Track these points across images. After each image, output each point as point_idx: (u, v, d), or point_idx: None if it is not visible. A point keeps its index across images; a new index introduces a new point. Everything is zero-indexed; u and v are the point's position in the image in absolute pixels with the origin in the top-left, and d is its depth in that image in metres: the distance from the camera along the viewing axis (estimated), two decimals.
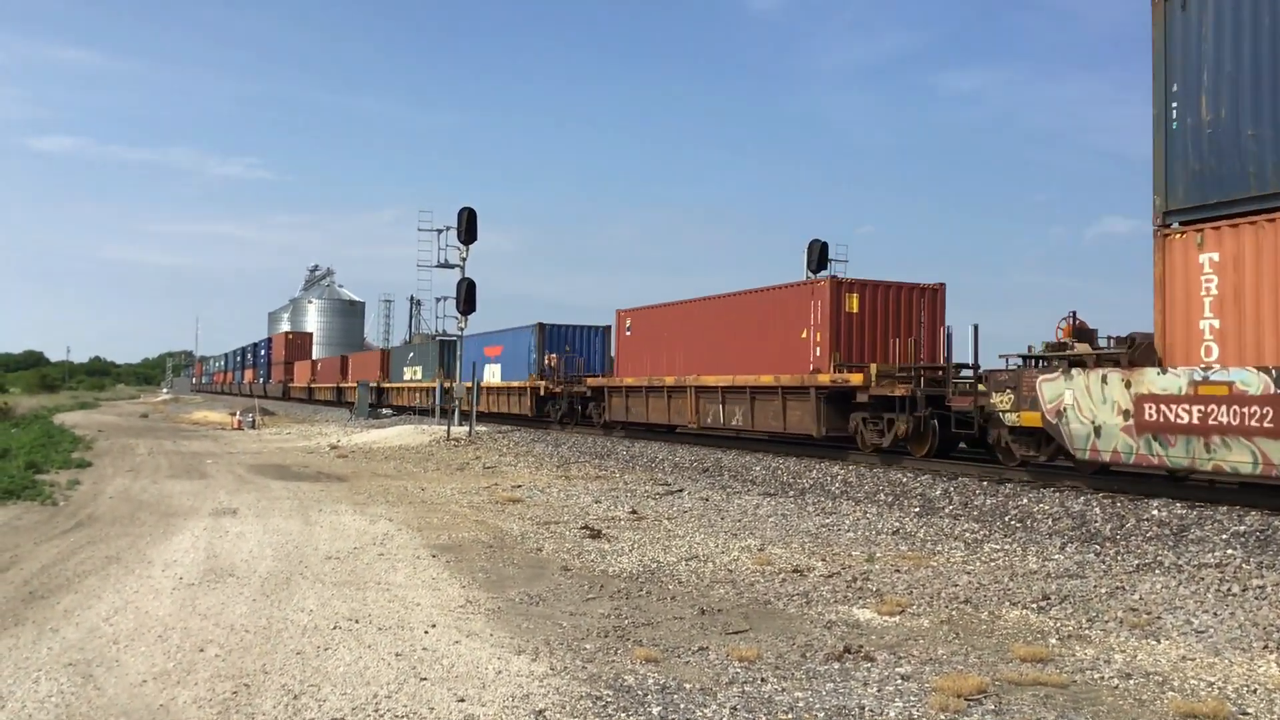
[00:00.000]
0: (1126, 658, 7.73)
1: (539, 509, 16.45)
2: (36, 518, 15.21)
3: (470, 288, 36.48)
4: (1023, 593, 10.01)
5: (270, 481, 20.86)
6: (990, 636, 8.45)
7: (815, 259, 32.61)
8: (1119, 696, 6.79)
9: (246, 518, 15.20)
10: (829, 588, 10.36)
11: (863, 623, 8.93)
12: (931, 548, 12.71)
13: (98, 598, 9.67)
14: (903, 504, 16.25)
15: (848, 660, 7.62)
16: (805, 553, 12.43)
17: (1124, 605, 9.39)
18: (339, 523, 14.74)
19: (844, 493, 17.76)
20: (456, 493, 18.85)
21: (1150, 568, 11.00)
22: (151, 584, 10.32)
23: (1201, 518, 12.99)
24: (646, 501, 17.36)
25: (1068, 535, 13.09)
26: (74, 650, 7.84)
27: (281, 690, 6.82)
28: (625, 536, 13.57)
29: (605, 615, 9.13)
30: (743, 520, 15.13)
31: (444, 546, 12.73)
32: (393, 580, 10.60)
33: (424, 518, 15.36)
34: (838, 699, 6.68)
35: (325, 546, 12.63)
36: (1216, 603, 9.30)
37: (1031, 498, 15.34)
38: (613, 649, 7.96)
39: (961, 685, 6.81)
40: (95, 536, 13.38)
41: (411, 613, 9.11)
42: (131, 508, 16.43)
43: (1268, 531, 11.99)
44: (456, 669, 7.33)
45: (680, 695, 6.74)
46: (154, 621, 8.74)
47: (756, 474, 20.76)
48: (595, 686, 6.92)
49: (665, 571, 11.25)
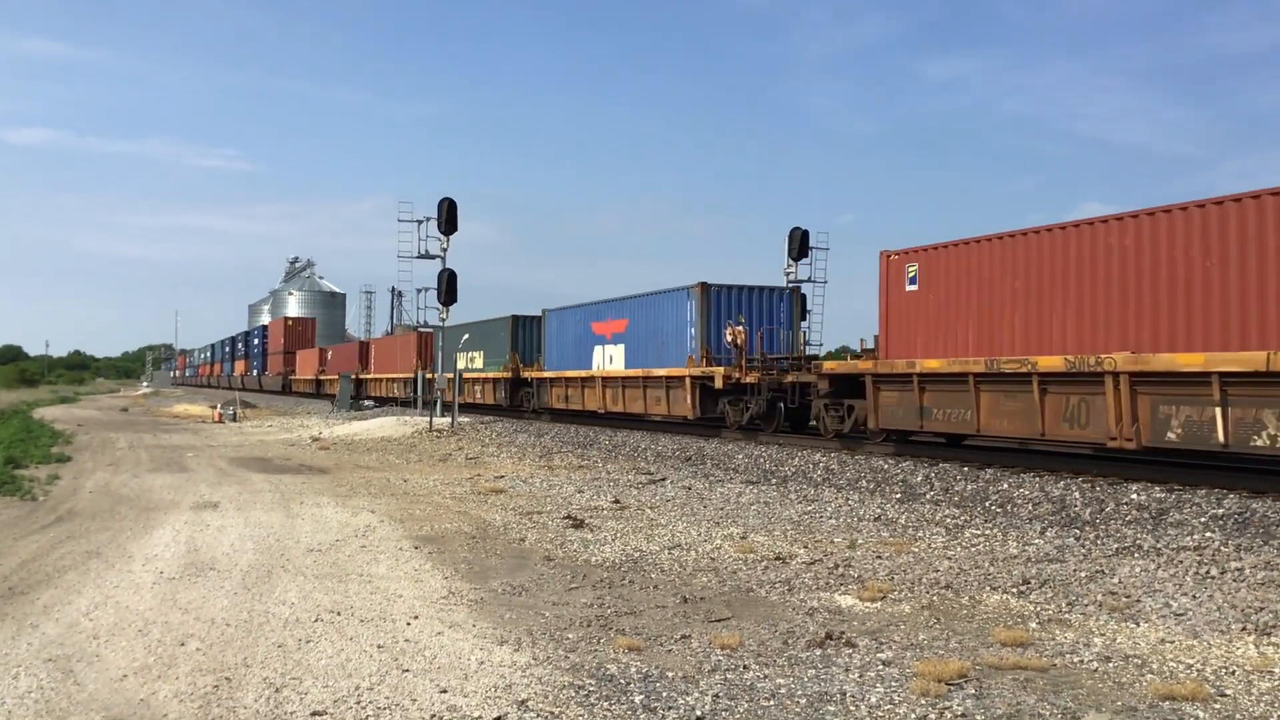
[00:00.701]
0: (1106, 641, 7.78)
1: (522, 499, 16.45)
2: (16, 513, 15.11)
3: (451, 278, 36.35)
4: (1003, 577, 10.07)
5: (251, 474, 20.78)
6: (971, 621, 8.49)
7: (796, 247, 32.60)
8: (1098, 679, 6.84)
9: (227, 511, 15.13)
10: (811, 575, 10.40)
11: (844, 609, 8.96)
12: (913, 534, 12.77)
13: (78, 593, 9.62)
14: (884, 490, 16.31)
15: (829, 647, 7.65)
16: (787, 540, 12.46)
17: (1103, 589, 9.46)
18: (321, 515, 14.69)
19: (826, 480, 17.82)
20: (439, 484, 18.82)
21: (1129, 551, 11.08)
22: (132, 578, 10.27)
23: (1180, 501, 13.09)
24: (629, 491, 17.37)
25: (1048, 520, 13.17)
26: (54, 646, 7.79)
27: (263, 683, 6.79)
28: (608, 526, 13.58)
29: (588, 605, 9.14)
30: (725, 508, 15.15)
31: (426, 538, 12.71)
32: (375, 572, 10.58)
33: (406, 509, 15.33)
34: (819, 685, 6.71)
35: (307, 539, 12.59)
36: (1195, 585, 9.37)
37: (1012, 483, 15.42)
38: (595, 638, 7.96)
39: (942, 670, 6.85)
40: (75, 531, 13.30)
41: (394, 604, 9.10)
42: (111, 502, 16.33)
43: (1245, 514, 12.10)
44: (439, 660, 7.32)
45: (662, 683, 6.76)
46: (134, 616, 8.70)
47: (739, 462, 20.79)
48: (578, 676, 6.93)
49: (648, 560, 11.27)
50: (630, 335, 29.75)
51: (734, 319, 26.18)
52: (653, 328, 28.58)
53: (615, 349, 30.42)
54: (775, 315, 27.00)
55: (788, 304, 27.37)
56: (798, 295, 27.91)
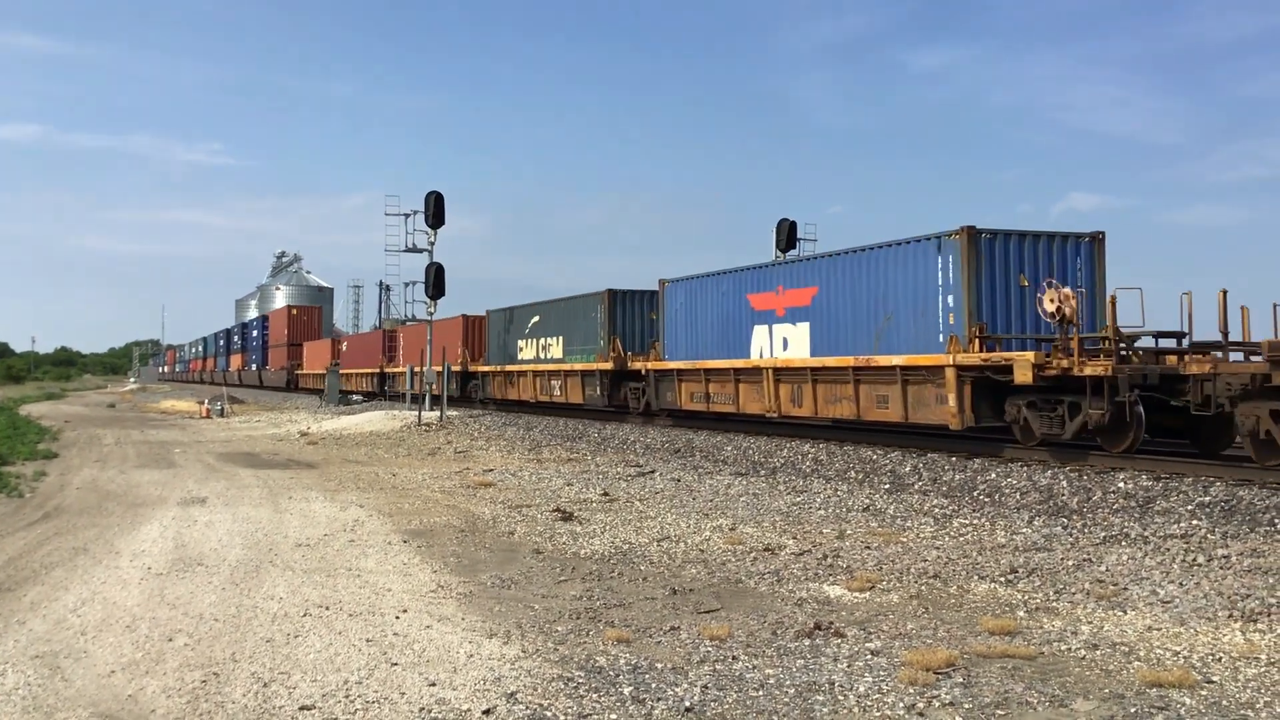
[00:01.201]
0: (1093, 629, 7.82)
1: (511, 493, 16.44)
2: (2, 510, 15.04)
3: (439, 272, 36.27)
4: (991, 566, 10.10)
5: (239, 469, 20.72)
6: (959, 610, 8.52)
7: (785, 238, 32.65)
8: (1086, 667, 6.87)
9: (215, 506, 15.09)
10: (800, 565, 10.42)
11: (833, 599, 8.98)
12: (901, 524, 12.80)
13: (65, 589, 9.58)
14: (873, 481, 16.34)
15: (818, 637, 7.66)
16: (776, 531, 12.48)
17: (1091, 577, 9.49)
18: (309, 510, 14.66)
19: (815, 471, 17.83)
20: (428, 478, 18.80)
21: (1117, 539, 11.12)
22: (119, 574, 10.23)
23: (1167, 489, 13.14)
24: (618, 483, 17.38)
25: (1035, 509, 13.21)
26: (41, 642, 7.76)
27: (251, 678, 6.78)
28: (597, 519, 13.58)
29: (577, 597, 9.14)
30: (714, 500, 15.17)
31: (415, 532, 12.69)
32: (364, 566, 10.56)
33: (395, 503, 15.31)
34: (808, 675, 6.72)
35: (295, 534, 12.56)
36: (1182, 573, 9.41)
37: (999, 472, 15.46)
38: (584, 630, 7.97)
39: (930, 659, 6.87)
40: (62, 528, 13.25)
41: (382, 598, 9.08)
42: (99, 498, 16.27)
43: (1232, 502, 12.15)
44: (428, 654, 7.32)
45: (651, 675, 6.76)
46: (122, 612, 8.67)
47: (727, 454, 20.80)
48: (567, 668, 6.93)
49: (637, 553, 11.27)
50: (820, 309, 21.12)
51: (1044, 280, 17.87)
52: (870, 296, 19.75)
53: (792, 329, 22.01)
54: (1069, 273, 18.21)
55: (1086, 258, 18.38)
56: (1100, 247, 18.45)
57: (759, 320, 23.14)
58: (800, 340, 21.73)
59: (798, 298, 21.99)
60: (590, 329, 30.95)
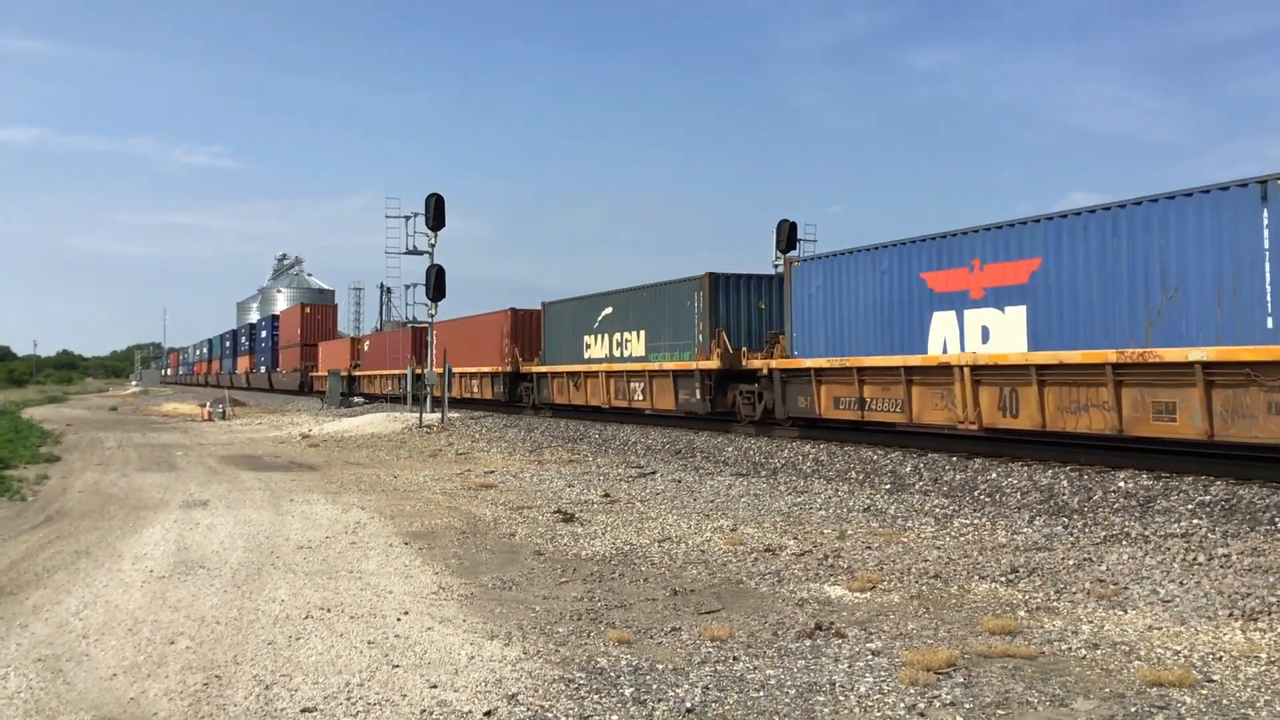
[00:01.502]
0: (1094, 628, 7.82)
1: (512, 494, 16.45)
2: (4, 513, 15.05)
3: (440, 274, 36.28)
4: (991, 566, 10.11)
5: (241, 472, 20.74)
6: (960, 610, 8.53)
7: (785, 239, 32.62)
8: (1086, 666, 6.88)
9: (217, 509, 15.10)
10: (800, 566, 10.43)
11: (834, 600, 8.99)
12: (902, 524, 12.80)
13: (67, 592, 9.59)
14: (874, 481, 16.35)
15: (819, 637, 7.67)
16: (777, 532, 12.49)
17: (1091, 576, 9.50)
18: (311, 512, 14.68)
19: (816, 471, 17.85)
20: (429, 480, 18.81)
21: (1117, 539, 11.13)
22: (121, 577, 10.25)
23: (1168, 488, 13.15)
24: (619, 484, 17.39)
25: (1036, 508, 13.22)
26: (43, 646, 7.77)
27: (253, 680, 6.79)
28: (598, 520, 13.59)
29: (578, 598, 9.15)
30: (715, 501, 15.18)
31: (416, 534, 12.71)
32: (365, 568, 10.57)
33: (396, 505, 15.32)
34: (809, 676, 6.73)
35: (297, 536, 12.57)
36: (1182, 572, 9.42)
37: (1000, 472, 15.47)
38: (585, 632, 7.98)
39: (931, 659, 6.88)
40: (64, 531, 13.26)
41: (384, 600, 9.10)
42: (101, 501, 16.29)
43: (1232, 501, 12.16)
44: (429, 655, 7.33)
45: (652, 676, 6.77)
46: (124, 615, 8.68)
47: (729, 455, 20.82)
48: (568, 669, 6.94)
49: (638, 553, 11.28)
50: (1044, 288, 16.35)
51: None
52: (1133, 268, 14.90)
53: (996, 316, 17.19)
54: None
55: None
56: None
57: (941, 305, 18.24)
58: (1010, 330, 16.87)
59: (1006, 274, 17.00)
60: (684, 321, 25.97)
